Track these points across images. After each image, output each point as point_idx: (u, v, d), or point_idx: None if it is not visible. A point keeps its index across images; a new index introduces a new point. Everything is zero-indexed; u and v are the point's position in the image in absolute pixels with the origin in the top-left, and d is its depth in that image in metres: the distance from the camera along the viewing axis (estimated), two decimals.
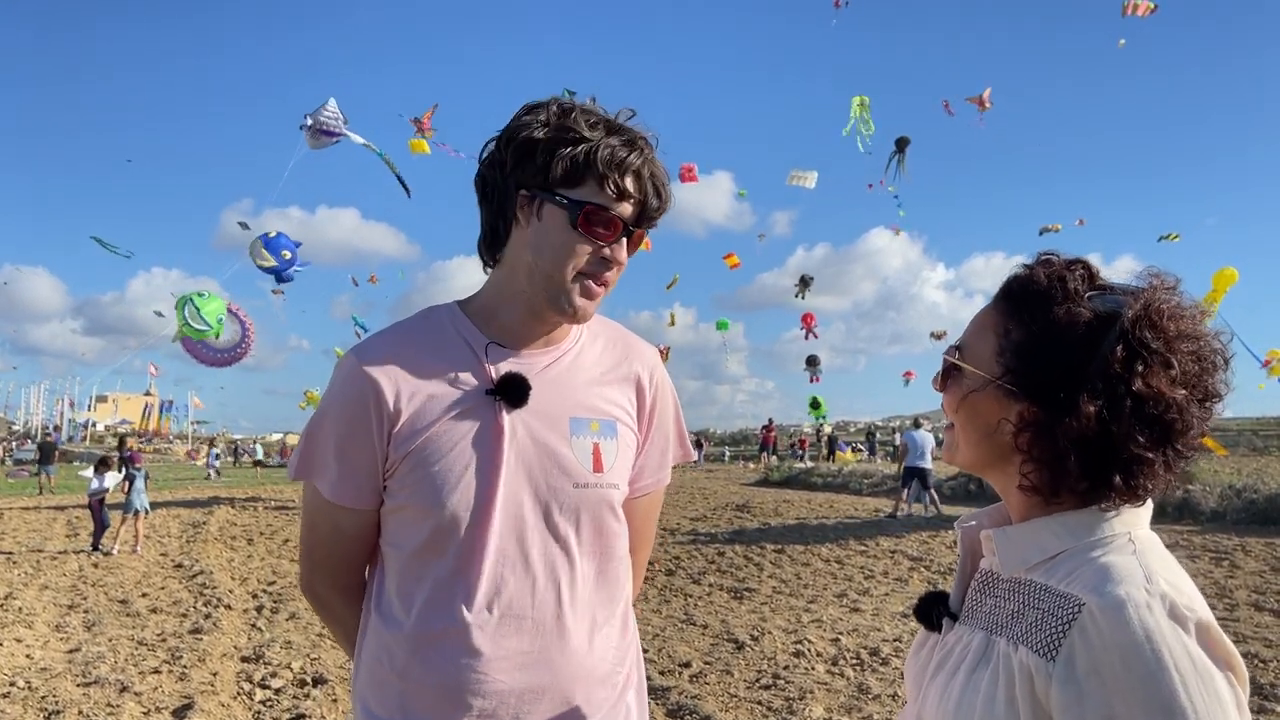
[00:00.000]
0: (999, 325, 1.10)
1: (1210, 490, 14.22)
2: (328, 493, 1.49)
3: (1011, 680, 1.00)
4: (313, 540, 1.57)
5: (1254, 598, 8.13)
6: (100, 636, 7.63)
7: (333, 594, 1.60)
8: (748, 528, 14.82)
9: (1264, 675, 5.68)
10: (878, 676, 6.03)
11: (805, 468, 27.67)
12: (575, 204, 1.40)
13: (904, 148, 19.08)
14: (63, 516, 17.61)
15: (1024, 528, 1.09)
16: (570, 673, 1.46)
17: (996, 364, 1.09)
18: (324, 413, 1.50)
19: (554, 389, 1.50)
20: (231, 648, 7.21)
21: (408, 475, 1.44)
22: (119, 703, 5.63)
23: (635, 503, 1.63)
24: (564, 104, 1.44)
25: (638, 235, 1.47)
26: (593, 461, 1.50)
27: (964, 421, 1.14)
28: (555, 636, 1.46)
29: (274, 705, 5.74)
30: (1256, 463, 22.74)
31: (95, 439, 61.59)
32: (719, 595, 9.09)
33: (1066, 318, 1.04)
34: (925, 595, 1.23)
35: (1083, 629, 0.95)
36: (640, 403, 1.61)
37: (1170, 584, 0.97)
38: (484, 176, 1.48)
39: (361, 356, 1.47)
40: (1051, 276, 1.08)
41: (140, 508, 13.20)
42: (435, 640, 1.43)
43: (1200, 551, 10.69)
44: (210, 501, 20.83)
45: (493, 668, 1.42)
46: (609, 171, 1.39)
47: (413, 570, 1.46)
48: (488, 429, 1.45)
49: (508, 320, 1.51)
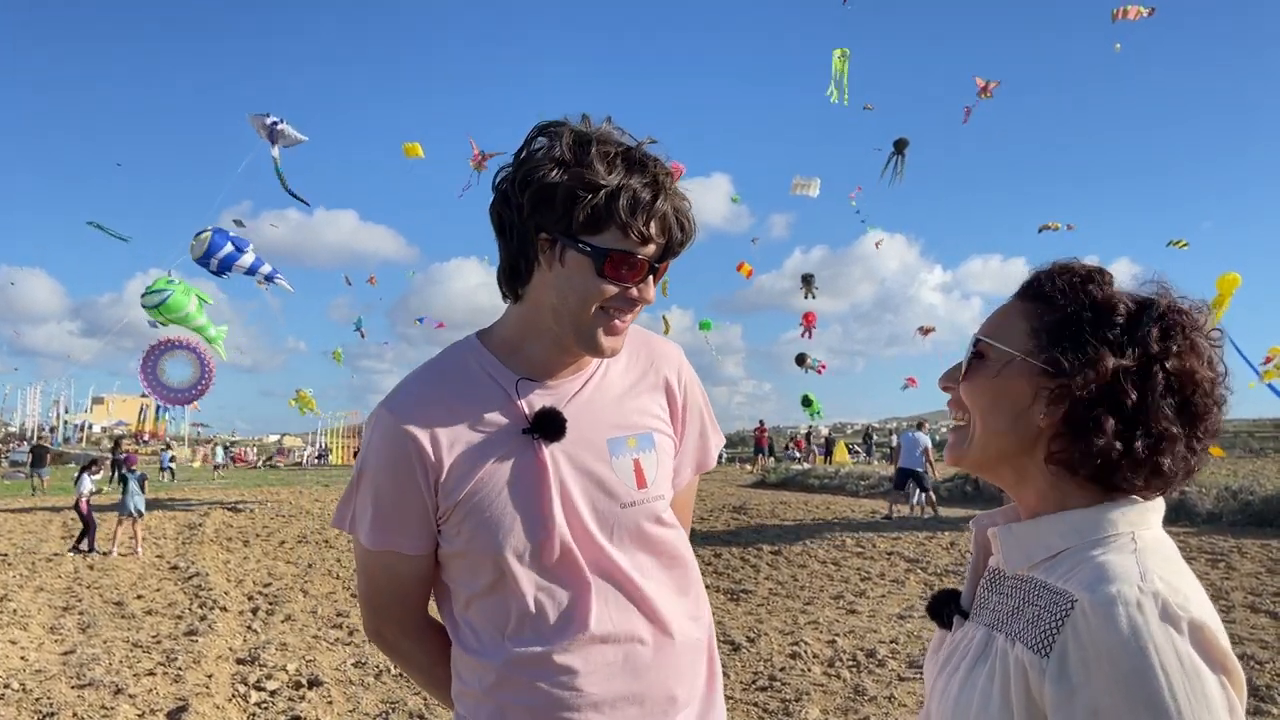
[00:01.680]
0: (1029, 311, 1.12)
1: (1206, 492, 14.23)
2: (374, 544, 1.49)
3: (1007, 677, 1.00)
4: (372, 589, 1.57)
5: (1250, 599, 8.14)
6: (95, 638, 7.61)
7: (401, 638, 1.60)
8: (744, 529, 14.82)
9: (1260, 677, 5.68)
10: (874, 678, 6.02)
11: (802, 469, 27.66)
12: (599, 251, 1.37)
13: (903, 150, 19.07)
14: (58, 518, 17.58)
15: (1029, 525, 1.09)
16: (661, 673, 1.50)
17: (1030, 342, 1.10)
18: (366, 467, 1.49)
19: (587, 413, 1.50)
20: (227, 650, 7.19)
21: (461, 524, 1.45)
22: (113, 705, 5.62)
23: (675, 492, 1.64)
24: (579, 135, 1.38)
25: (662, 269, 1.45)
26: (635, 479, 1.50)
27: (988, 407, 1.12)
28: (636, 644, 1.48)
29: (269, 707, 5.73)
30: (1252, 464, 22.74)
31: (91, 441, 61.48)
32: (715, 597, 9.08)
33: (1106, 298, 1.07)
34: (938, 593, 1.23)
35: (1074, 626, 0.95)
36: (672, 406, 1.62)
37: (1166, 583, 0.96)
38: (500, 215, 1.44)
39: (395, 412, 1.47)
40: (1082, 267, 1.12)
41: (134, 510, 13.17)
42: (525, 666, 1.45)
43: (1196, 553, 10.69)
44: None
45: (586, 681, 1.44)
46: (632, 220, 1.36)
47: (486, 607, 1.48)
48: (530, 467, 1.45)
49: (534, 354, 1.50)
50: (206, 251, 16.62)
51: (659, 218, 1.38)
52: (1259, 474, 17.56)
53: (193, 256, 16.81)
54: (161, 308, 16.98)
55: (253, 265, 17.42)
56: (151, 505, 16.60)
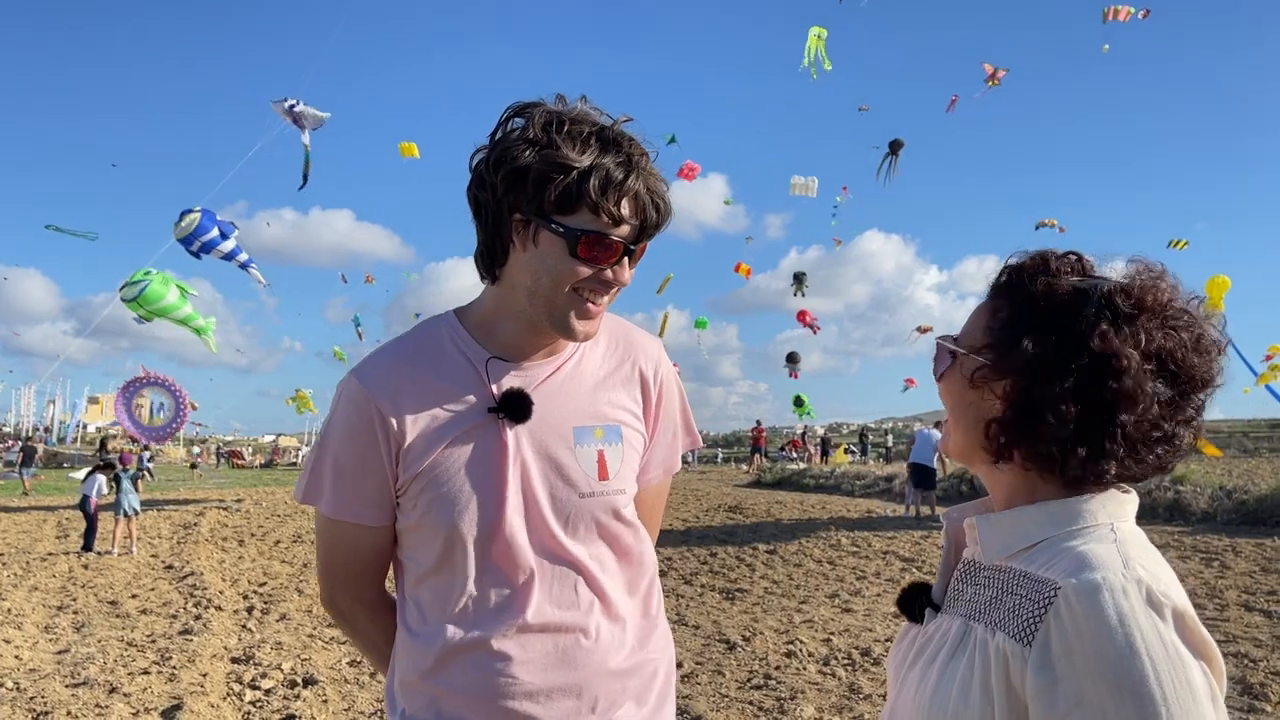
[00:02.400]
0: (990, 308, 1.13)
1: (1201, 491, 14.26)
2: (341, 514, 1.49)
3: (987, 666, 1.00)
4: (330, 559, 1.57)
5: (1244, 598, 8.16)
6: (89, 638, 7.60)
7: (357, 608, 1.60)
8: (740, 529, 14.83)
9: (1254, 675, 5.69)
10: (869, 676, 6.03)
11: (798, 469, 27.68)
12: (572, 231, 1.36)
13: (897, 150, 19.12)
14: (53, 518, 17.54)
15: (1007, 515, 1.09)
16: (600, 668, 1.48)
17: (982, 339, 1.11)
18: (329, 436, 1.49)
19: (556, 399, 1.49)
20: (222, 649, 7.18)
21: (419, 496, 1.45)
22: (108, 704, 5.61)
23: (641, 493, 1.63)
24: (552, 115, 1.38)
25: (639, 251, 1.44)
26: (598, 470, 1.50)
27: (954, 405, 1.15)
28: (582, 636, 1.47)
29: (264, 706, 5.72)
30: (1247, 464, 22.79)
31: (86, 440, 61.30)
32: (711, 596, 9.10)
33: (1045, 289, 1.06)
34: (908, 586, 1.23)
35: (1058, 613, 0.95)
36: (646, 401, 1.61)
37: (1148, 571, 0.96)
38: (475, 196, 1.45)
39: (363, 378, 1.47)
40: (1037, 259, 1.11)
41: (129, 509, 13.17)
42: (463, 651, 1.44)
43: (1191, 552, 10.72)
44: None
45: (524, 670, 1.43)
46: (603, 200, 1.35)
47: (433, 586, 1.48)
48: (492, 446, 1.45)
49: (508, 336, 1.50)
50: (193, 233, 16.51)
51: (631, 197, 1.37)
52: (1253, 473, 17.61)
53: (176, 236, 16.64)
54: (140, 299, 16.85)
55: (232, 251, 17.35)
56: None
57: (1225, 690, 0.95)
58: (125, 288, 16.96)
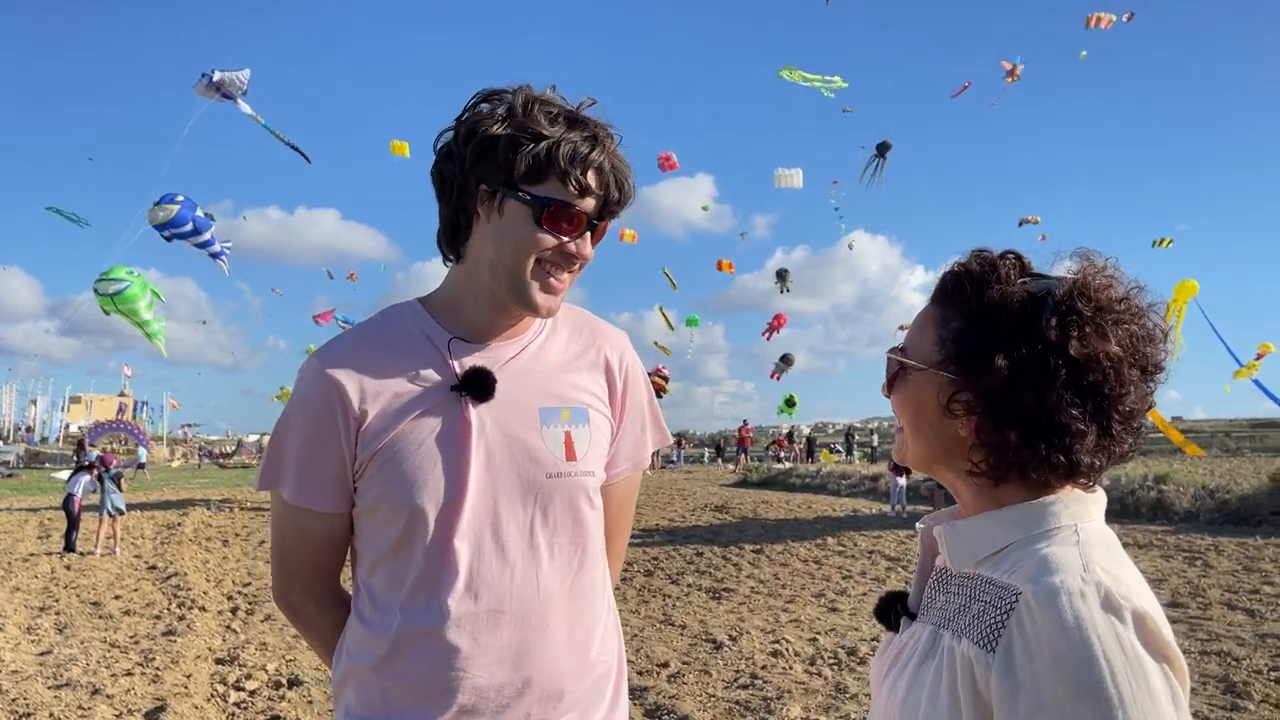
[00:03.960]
0: (938, 317, 1.11)
1: (1184, 491, 14.37)
2: (297, 499, 1.47)
3: (954, 673, 1.00)
4: (284, 548, 1.55)
5: (1226, 596, 8.22)
6: (72, 639, 7.55)
7: (307, 602, 1.58)
8: (726, 528, 14.85)
9: (1236, 674, 5.73)
10: (855, 676, 6.04)
11: (784, 469, 27.74)
12: (539, 200, 1.39)
13: (885, 153, 19.21)
14: (35, 518, 17.42)
15: (972, 522, 1.09)
16: (551, 665, 1.46)
17: (937, 353, 1.09)
18: (289, 418, 1.48)
19: (521, 379, 1.49)
20: (206, 649, 7.14)
21: (376, 475, 1.43)
22: (90, 705, 5.57)
23: (612, 489, 1.62)
24: (523, 95, 1.42)
25: (601, 228, 1.47)
26: (565, 450, 1.48)
27: (912, 417, 1.14)
28: (536, 629, 1.45)
29: (248, 707, 5.69)
30: (1229, 464, 22.95)
31: (69, 440, 60.90)
32: (697, 596, 9.10)
33: (1000, 298, 1.05)
34: (884, 595, 1.23)
35: (1019, 619, 0.95)
36: (611, 388, 1.60)
37: (1109, 573, 0.96)
38: (441, 171, 1.46)
39: (324, 359, 1.46)
40: (984, 263, 1.10)
41: (113, 509, 13.10)
42: (415, 639, 1.42)
43: (1174, 551, 10.79)
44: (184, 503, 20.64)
45: (473, 663, 1.41)
46: (571, 168, 1.38)
47: (388, 570, 1.45)
48: (455, 425, 1.44)
49: (471, 315, 1.49)
50: (169, 223, 16.39)
51: (597, 169, 1.41)
52: (1235, 473, 17.74)
53: (150, 221, 16.50)
54: (116, 298, 16.78)
55: (206, 242, 17.31)
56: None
57: (1189, 692, 0.95)
58: (104, 281, 16.84)
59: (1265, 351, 18.12)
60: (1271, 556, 10.24)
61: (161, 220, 16.39)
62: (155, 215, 16.45)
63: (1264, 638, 6.68)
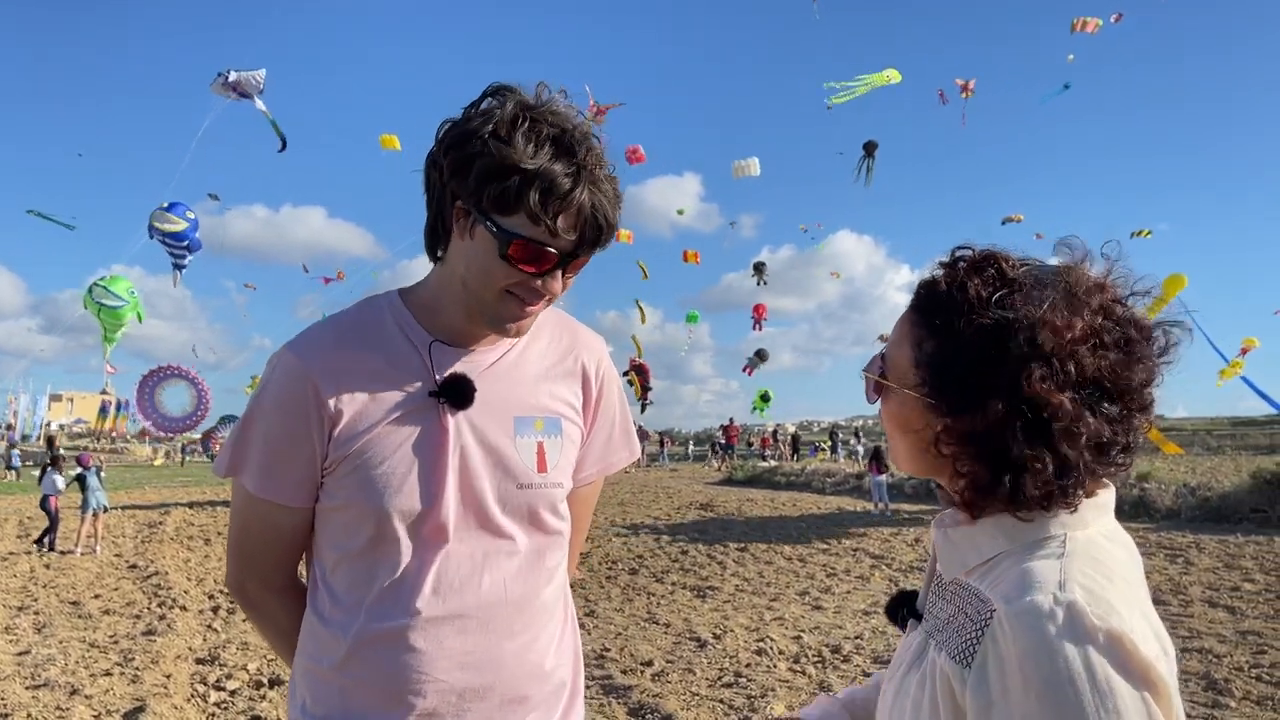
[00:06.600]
0: (914, 336, 1.09)
1: (1165, 489, 14.48)
2: (260, 490, 1.44)
3: (935, 685, 1.00)
4: (244, 539, 1.51)
5: (1208, 594, 8.27)
6: (50, 639, 7.47)
7: (265, 594, 1.55)
8: (711, 527, 14.85)
9: (1218, 671, 5.77)
10: (839, 674, 6.05)
11: (769, 467, 27.79)
12: (505, 233, 1.31)
13: (872, 152, 19.27)
14: (14, 517, 17.25)
15: (963, 531, 1.08)
16: (513, 671, 1.44)
17: (914, 375, 1.07)
18: (259, 407, 1.43)
19: (499, 387, 1.46)
20: (186, 649, 7.08)
21: (349, 476, 1.40)
22: (69, 706, 5.51)
23: (576, 492, 1.60)
24: (513, 108, 1.32)
25: (576, 264, 1.39)
26: (537, 461, 1.47)
27: (896, 433, 1.13)
28: (499, 635, 1.43)
29: (229, 707, 5.64)
30: (1210, 462, 23.16)
31: (49, 438, 60.42)
32: (682, 594, 9.09)
33: (968, 329, 1.02)
34: (896, 594, 1.22)
35: (993, 636, 0.94)
36: (587, 394, 1.58)
37: (1087, 590, 0.94)
38: (428, 172, 1.41)
39: (300, 353, 1.41)
40: (953, 284, 1.06)
41: (96, 507, 13.01)
42: (377, 640, 1.40)
43: (1155, 549, 10.87)
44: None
45: (435, 667, 1.39)
46: (542, 211, 1.29)
47: (353, 571, 1.42)
48: (432, 431, 1.41)
49: (450, 320, 1.46)
50: (171, 234, 16.54)
51: (572, 211, 1.31)
52: (1216, 471, 17.89)
53: (152, 221, 16.69)
54: (107, 311, 16.91)
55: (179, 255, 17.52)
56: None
57: (1171, 706, 0.92)
58: (101, 290, 16.87)
59: (1249, 346, 18.23)
60: (1252, 554, 10.34)
61: (165, 230, 16.50)
62: (160, 220, 16.49)
63: (1245, 635, 6.73)
